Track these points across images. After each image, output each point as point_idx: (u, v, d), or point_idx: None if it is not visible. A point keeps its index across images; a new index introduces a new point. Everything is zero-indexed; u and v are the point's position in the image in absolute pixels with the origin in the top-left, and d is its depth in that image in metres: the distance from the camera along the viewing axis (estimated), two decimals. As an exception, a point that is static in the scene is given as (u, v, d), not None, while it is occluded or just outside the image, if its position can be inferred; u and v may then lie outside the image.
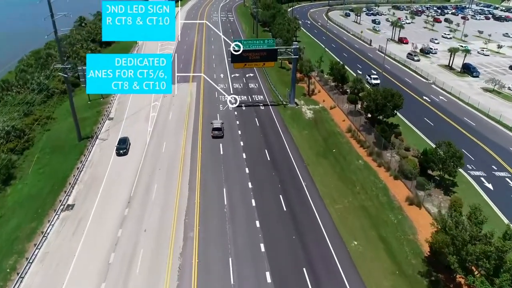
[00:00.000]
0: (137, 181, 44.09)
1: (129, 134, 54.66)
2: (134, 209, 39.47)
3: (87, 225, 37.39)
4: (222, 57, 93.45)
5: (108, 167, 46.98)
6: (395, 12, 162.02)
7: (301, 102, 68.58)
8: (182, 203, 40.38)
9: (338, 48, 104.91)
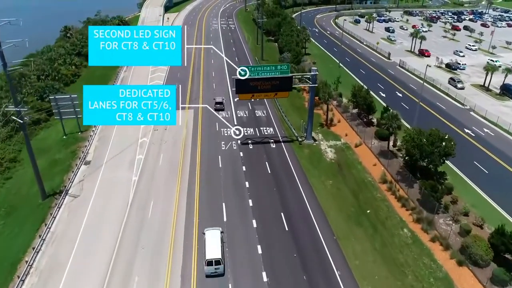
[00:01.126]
0: (111, 270, 32.60)
1: (107, 188, 43.26)
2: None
3: None
4: (223, 74, 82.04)
5: (75, 244, 35.45)
6: (408, 18, 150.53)
7: (319, 136, 57.18)
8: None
9: (353, 63, 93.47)
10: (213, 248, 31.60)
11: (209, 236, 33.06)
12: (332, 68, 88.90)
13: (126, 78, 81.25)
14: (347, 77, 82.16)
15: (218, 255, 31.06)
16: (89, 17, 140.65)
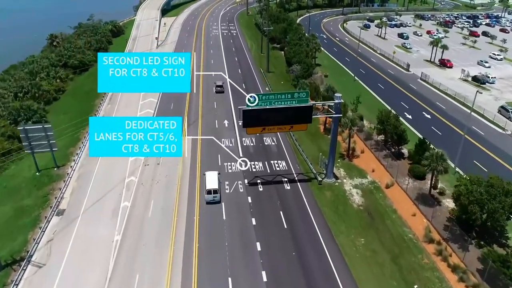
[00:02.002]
0: None
1: (82, 253, 34.13)
2: None
3: None
4: (226, 92, 72.76)
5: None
6: (421, 23, 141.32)
7: (341, 172, 48.03)
8: None
9: (369, 75, 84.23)
10: (212, 181, 40.97)
11: (208, 175, 42.29)
12: (346, 82, 79.76)
13: (115, 96, 71.96)
14: (365, 93, 72.95)
15: (215, 186, 40.47)
16: (81, 22, 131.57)
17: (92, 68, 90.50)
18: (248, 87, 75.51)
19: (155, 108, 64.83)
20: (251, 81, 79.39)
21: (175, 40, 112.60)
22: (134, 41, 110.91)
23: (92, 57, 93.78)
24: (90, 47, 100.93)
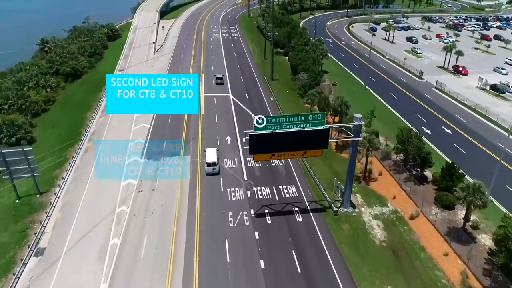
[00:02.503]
0: None
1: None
2: None
3: None
4: (228, 103, 67.56)
5: None
6: (429, 26, 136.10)
7: (358, 199, 42.87)
8: None
9: (380, 84, 79.01)
10: (211, 156, 45.56)
11: (208, 151, 47.15)
12: (356, 92, 74.57)
13: (109, 106, 66.75)
14: (378, 104, 67.72)
15: (215, 159, 45.03)
16: (76, 25, 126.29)
17: (85, 75, 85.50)
18: (252, 97, 70.34)
19: (151, 121, 59.59)
20: (254, 90, 74.18)
21: (174, 44, 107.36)
22: (131, 46, 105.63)
23: (85, 64, 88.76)
24: (84, 53, 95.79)
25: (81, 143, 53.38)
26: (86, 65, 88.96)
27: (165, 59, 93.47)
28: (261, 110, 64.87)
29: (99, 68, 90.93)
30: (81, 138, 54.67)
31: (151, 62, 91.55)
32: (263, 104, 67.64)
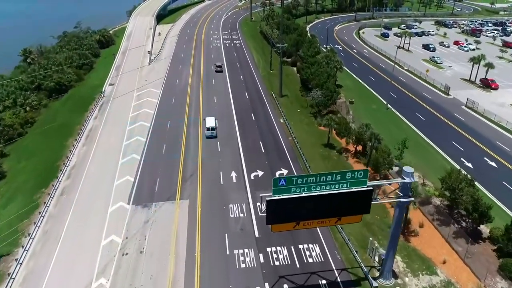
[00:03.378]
0: None
1: None
2: None
3: None
4: (232, 126, 58.69)
5: None
6: (445, 31, 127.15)
7: (398, 263, 34.04)
8: None
9: (403, 101, 70.09)
10: (210, 122, 55.66)
11: (208, 119, 56.97)
12: (376, 111, 65.82)
13: (96, 128, 57.93)
14: (405, 128, 59.17)
15: (213, 125, 55.04)
16: (66, 31, 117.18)
17: (72, 89, 76.61)
18: (259, 119, 61.53)
19: (142, 153, 50.76)
20: (262, 110, 65.33)
21: (171, 53, 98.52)
22: (124, 55, 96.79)
23: (72, 76, 79.75)
24: (72, 63, 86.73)
25: (57, 181, 44.49)
26: (73, 78, 79.98)
27: (161, 70, 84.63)
28: (270, 135, 56.06)
29: (88, 81, 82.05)
30: (58, 175, 45.74)
31: (146, 74, 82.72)
32: (272, 127, 58.82)
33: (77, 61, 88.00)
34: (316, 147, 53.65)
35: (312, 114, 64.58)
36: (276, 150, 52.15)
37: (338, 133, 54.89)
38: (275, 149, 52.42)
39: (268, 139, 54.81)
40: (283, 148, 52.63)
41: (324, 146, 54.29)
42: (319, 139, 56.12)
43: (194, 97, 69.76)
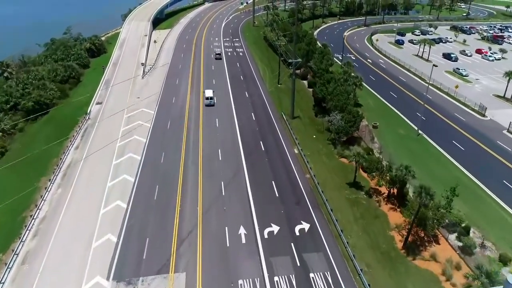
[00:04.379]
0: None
1: None
2: None
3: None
4: (237, 159, 49.28)
5: None
6: (465, 38, 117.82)
7: None
8: None
9: (433, 124, 60.78)
10: (208, 93, 65.05)
11: (206, 91, 66.19)
12: (405, 138, 56.59)
13: (75, 164, 48.54)
14: (444, 162, 49.89)
15: (211, 95, 64.65)
16: (53, 38, 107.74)
17: (54, 109, 67.25)
18: (269, 149, 52.24)
19: (129, 199, 41.43)
20: (272, 136, 56.07)
21: (168, 64, 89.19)
22: (115, 67, 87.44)
23: (55, 93, 70.54)
24: (56, 77, 77.41)
25: (19, 243, 35.13)
26: (56, 94, 70.78)
27: (156, 85, 75.34)
28: (285, 172, 46.75)
29: (73, 98, 72.74)
30: (22, 233, 36.37)
31: (138, 90, 73.39)
32: (286, 161, 49.50)
33: (62, 75, 78.61)
34: (340, 188, 44.44)
35: (330, 140, 55.42)
36: (292, 193, 42.86)
37: (367, 171, 45.52)
38: (292, 192, 43.13)
39: (282, 179, 45.50)
40: (301, 191, 43.34)
41: (349, 185, 45.09)
42: (342, 175, 46.92)
43: (193, 120, 60.39)
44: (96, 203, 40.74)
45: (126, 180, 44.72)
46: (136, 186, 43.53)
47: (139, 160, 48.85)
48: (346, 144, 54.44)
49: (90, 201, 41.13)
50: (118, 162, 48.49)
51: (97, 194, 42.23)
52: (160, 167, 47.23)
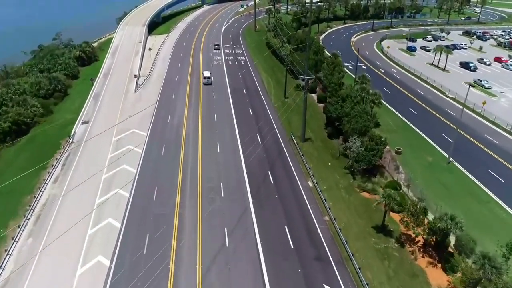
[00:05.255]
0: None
1: None
2: None
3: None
4: (241, 186, 42.05)
5: None
6: (481, 45, 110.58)
7: None
8: None
9: (464, 149, 53.37)
10: (206, 73, 75.02)
11: (205, 71, 76.23)
12: (435, 167, 49.44)
13: (52, 202, 41.21)
14: (493, 208, 42.63)
15: (208, 75, 74.63)
16: (41, 44, 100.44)
17: (35, 128, 60.17)
18: (278, 180, 45.06)
19: (115, 247, 34.12)
20: (281, 162, 49.02)
21: (163, 75, 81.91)
22: (106, 78, 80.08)
23: (37, 110, 63.22)
24: (39, 91, 70.04)
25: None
26: (39, 112, 63.50)
27: (150, 100, 68.05)
28: (299, 215, 39.58)
29: (57, 115, 65.55)
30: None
31: (130, 106, 66.19)
32: (299, 197, 42.34)
33: (47, 88, 71.19)
34: (366, 235, 37.36)
35: (348, 168, 48.31)
36: (310, 244, 35.71)
37: (403, 216, 38.31)
38: (309, 242, 35.97)
39: (297, 223, 38.31)
40: (320, 240, 36.19)
41: (375, 230, 37.99)
42: (366, 216, 39.95)
43: (191, 144, 53.11)
44: (73, 260, 33.48)
45: (111, 227, 37.45)
46: (123, 235, 36.26)
47: (128, 198, 41.56)
48: (367, 174, 47.31)
49: (66, 257, 33.84)
50: (103, 201, 41.19)
51: (75, 246, 34.97)
52: (152, 209, 39.93)
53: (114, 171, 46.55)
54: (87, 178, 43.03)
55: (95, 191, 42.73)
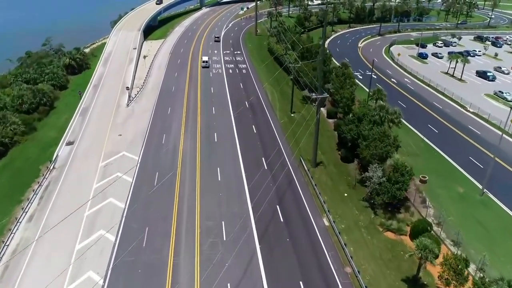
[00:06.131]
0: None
1: None
2: None
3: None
4: (246, 223, 35.79)
5: None
6: (496, 52, 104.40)
7: None
8: None
9: (496, 177, 47.02)
10: (205, 58, 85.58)
11: (203, 56, 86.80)
12: (467, 200, 43.29)
13: (24, 247, 34.89)
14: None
15: (206, 59, 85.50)
16: (29, 51, 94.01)
17: (15, 148, 53.91)
18: (290, 220, 38.75)
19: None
20: (292, 198, 42.65)
21: (159, 86, 75.57)
22: (96, 90, 73.75)
23: (18, 128, 56.91)
24: (22, 106, 63.67)
25: None
26: (19, 130, 57.12)
27: (143, 116, 61.87)
28: (315, 262, 33.45)
29: (41, 132, 59.35)
30: None
31: (121, 122, 59.97)
32: (315, 241, 36.17)
33: (30, 102, 64.80)
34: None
35: (367, 200, 42.20)
36: None
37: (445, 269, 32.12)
38: (331, 305, 29.71)
39: (315, 278, 32.10)
40: None
41: (407, 285, 31.79)
42: (394, 265, 33.94)
43: (188, 172, 46.78)
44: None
45: (90, 281, 31.12)
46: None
47: (113, 241, 35.30)
48: (389, 207, 41.22)
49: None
50: (84, 246, 34.96)
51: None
52: (141, 257, 33.65)
53: (99, 207, 40.29)
54: (66, 215, 36.68)
55: (76, 233, 36.49)
